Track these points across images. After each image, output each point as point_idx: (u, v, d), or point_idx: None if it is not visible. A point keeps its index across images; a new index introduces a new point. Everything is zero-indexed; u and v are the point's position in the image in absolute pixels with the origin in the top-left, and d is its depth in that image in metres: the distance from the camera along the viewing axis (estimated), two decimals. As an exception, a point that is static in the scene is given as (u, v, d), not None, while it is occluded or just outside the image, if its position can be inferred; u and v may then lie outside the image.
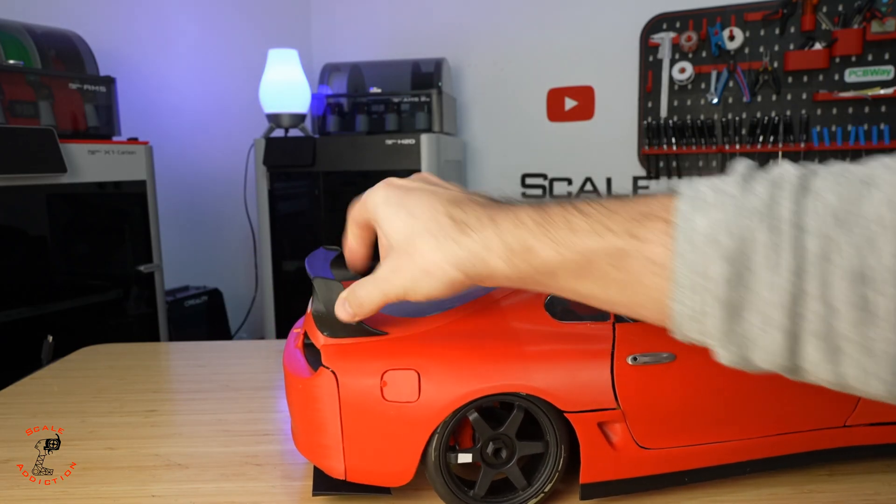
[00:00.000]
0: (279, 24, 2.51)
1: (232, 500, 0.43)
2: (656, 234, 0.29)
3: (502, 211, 0.34)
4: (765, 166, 0.31)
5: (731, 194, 0.28)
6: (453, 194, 0.37)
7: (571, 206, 0.32)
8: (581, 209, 0.32)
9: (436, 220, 0.34)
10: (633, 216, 0.30)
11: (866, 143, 2.01)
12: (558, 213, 0.32)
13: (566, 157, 2.38)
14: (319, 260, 0.48)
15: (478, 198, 0.36)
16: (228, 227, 2.29)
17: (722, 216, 0.28)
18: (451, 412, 0.38)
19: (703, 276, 0.28)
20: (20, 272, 1.33)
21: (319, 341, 0.40)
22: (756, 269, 0.27)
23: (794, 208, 0.27)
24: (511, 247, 0.32)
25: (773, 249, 0.26)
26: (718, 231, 0.28)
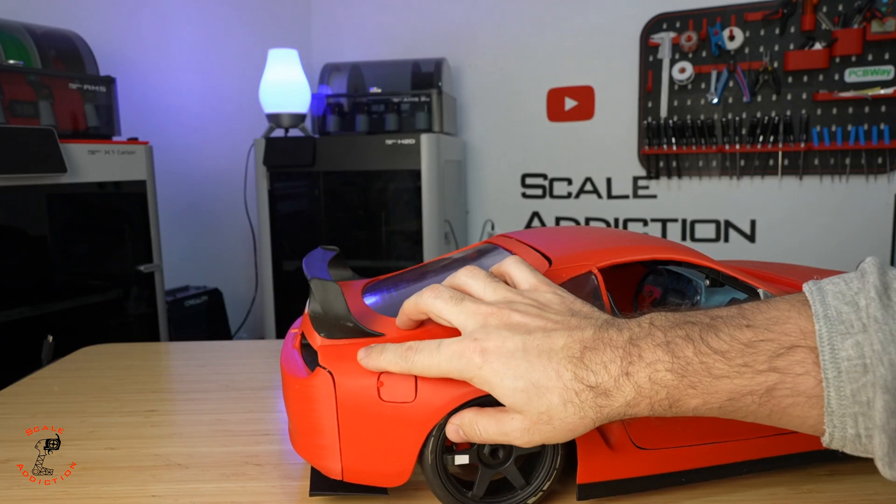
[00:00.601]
0: (279, 24, 2.51)
1: (232, 500, 0.43)
2: (802, 365, 0.29)
3: (631, 360, 0.32)
4: (881, 259, 0.31)
5: (875, 318, 0.28)
6: (563, 343, 0.34)
7: (704, 346, 0.31)
8: (715, 347, 0.31)
9: (568, 388, 0.33)
10: (774, 350, 0.30)
11: (866, 143, 2.01)
12: (694, 358, 0.31)
13: (566, 157, 2.38)
14: (317, 260, 0.48)
15: (585, 334, 0.34)
16: (228, 227, 2.29)
17: (870, 344, 0.28)
18: (447, 412, 0.38)
19: (860, 404, 0.28)
20: (20, 272, 1.33)
21: (316, 342, 0.40)
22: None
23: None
24: (655, 401, 0.32)
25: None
26: (871, 360, 0.28)
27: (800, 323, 0.30)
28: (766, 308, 0.32)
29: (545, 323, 0.35)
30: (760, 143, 2.12)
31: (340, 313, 0.39)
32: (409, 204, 2.01)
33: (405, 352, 0.37)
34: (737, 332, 0.31)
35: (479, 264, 0.50)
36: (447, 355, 0.35)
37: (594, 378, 0.33)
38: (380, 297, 0.47)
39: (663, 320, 0.33)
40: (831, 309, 0.29)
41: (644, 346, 0.32)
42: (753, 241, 2.20)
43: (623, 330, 0.34)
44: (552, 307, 0.37)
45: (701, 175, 2.23)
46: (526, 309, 0.36)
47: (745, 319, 0.31)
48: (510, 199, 2.47)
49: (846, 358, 0.28)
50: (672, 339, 0.32)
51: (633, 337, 0.33)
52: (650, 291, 0.54)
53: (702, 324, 0.32)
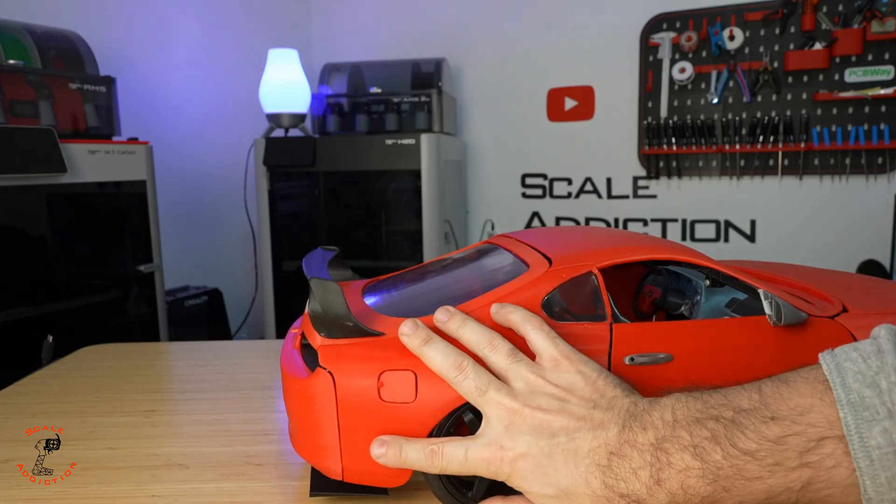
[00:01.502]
0: (279, 24, 2.51)
1: (232, 500, 0.43)
2: (833, 458, 0.29)
3: (660, 467, 0.32)
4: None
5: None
6: (588, 448, 0.34)
7: (732, 447, 0.31)
8: (744, 448, 0.31)
9: (599, 496, 0.33)
10: (804, 445, 0.30)
11: (866, 143, 2.01)
12: (724, 462, 0.31)
13: (566, 157, 2.38)
14: (317, 260, 0.48)
15: (609, 435, 0.33)
16: (228, 227, 2.29)
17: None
18: (447, 413, 0.38)
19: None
20: (20, 272, 1.33)
21: (316, 342, 0.40)
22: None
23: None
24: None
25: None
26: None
27: (824, 411, 0.30)
28: (787, 393, 0.31)
29: (568, 421, 0.35)
30: (760, 143, 2.11)
31: (340, 313, 0.39)
32: (409, 204, 2.01)
33: (430, 456, 0.36)
34: (763, 428, 0.31)
35: (479, 264, 0.50)
36: (476, 461, 0.35)
37: (625, 486, 0.32)
38: (380, 297, 0.47)
39: (685, 414, 0.33)
40: (854, 394, 0.29)
41: (671, 450, 0.32)
42: (753, 241, 2.20)
43: (647, 429, 0.33)
44: (576, 392, 0.36)
45: (701, 175, 2.23)
46: (549, 404, 0.36)
47: (768, 411, 0.31)
48: (510, 199, 2.47)
49: (876, 447, 0.28)
50: (698, 442, 0.32)
51: (658, 439, 0.33)
52: (650, 291, 0.54)
53: (724, 420, 0.32)
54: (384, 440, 0.37)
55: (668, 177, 2.26)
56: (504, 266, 0.46)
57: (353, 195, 2.07)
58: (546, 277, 0.42)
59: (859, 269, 2.07)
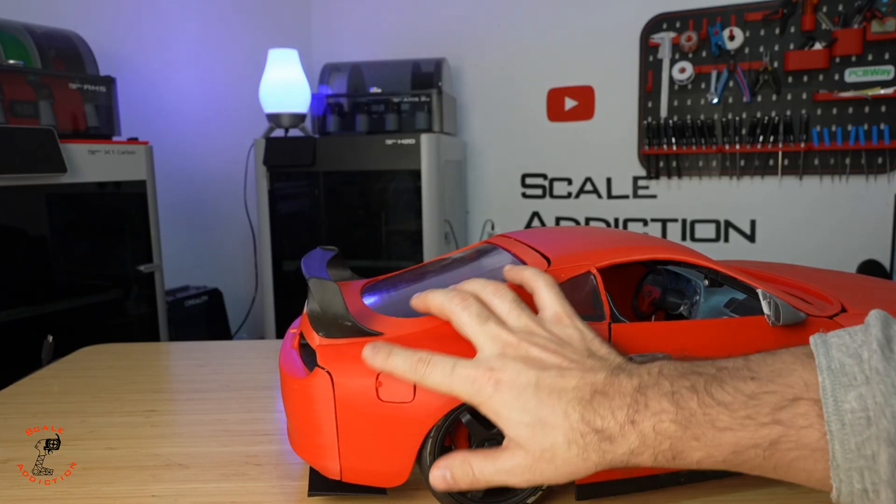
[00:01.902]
0: (279, 24, 2.51)
1: (232, 500, 0.43)
2: (806, 418, 0.29)
3: (637, 408, 0.33)
4: (885, 313, 0.30)
5: (877, 370, 0.28)
6: (574, 384, 0.34)
7: (708, 397, 0.31)
8: (719, 399, 0.31)
9: (574, 429, 0.33)
10: (777, 402, 0.30)
11: (866, 143, 2.01)
12: (697, 409, 0.31)
13: (566, 157, 2.38)
14: (316, 260, 0.48)
15: (597, 377, 0.34)
16: (228, 227, 2.29)
17: (873, 396, 0.28)
18: (446, 412, 0.38)
19: (865, 458, 0.28)
20: (20, 272, 1.33)
21: (315, 342, 0.40)
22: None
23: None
24: (658, 451, 0.32)
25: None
26: (874, 412, 0.28)
27: (804, 375, 0.30)
28: (771, 360, 0.32)
29: (561, 360, 0.35)
30: (760, 143, 2.12)
31: (339, 313, 0.39)
32: (409, 204, 2.01)
33: (416, 363, 0.36)
34: (741, 384, 0.31)
35: (478, 264, 0.50)
36: (460, 378, 0.35)
37: (600, 422, 0.33)
38: (379, 296, 0.47)
39: (671, 369, 0.34)
40: (835, 361, 0.29)
41: (651, 394, 0.33)
42: (753, 241, 2.20)
43: (633, 377, 0.34)
44: (571, 344, 0.37)
45: (701, 175, 2.23)
46: (545, 343, 0.36)
47: (749, 371, 0.32)
48: (510, 199, 2.47)
49: (850, 410, 0.28)
50: (678, 389, 0.32)
51: (642, 385, 0.33)
52: (649, 291, 0.54)
53: (707, 375, 0.32)
54: (376, 344, 0.37)
55: (668, 177, 2.26)
56: (503, 266, 0.46)
57: (353, 195, 2.07)
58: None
59: (859, 269, 2.07)
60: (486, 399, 0.35)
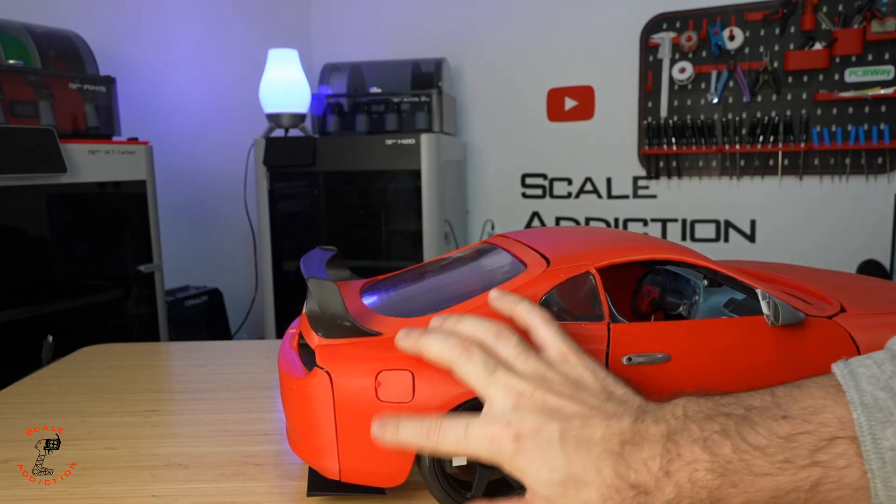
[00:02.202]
0: (279, 24, 2.51)
1: (232, 499, 0.43)
2: (845, 458, 0.29)
3: (670, 458, 0.31)
4: None
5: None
6: (601, 436, 0.33)
7: (742, 442, 0.30)
8: (754, 444, 0.30)
9: (608, 485, 0.32)
10: (815, 443, 0.29)
11: (866, 143, 2.01)
12: (733, 456, 0.30)
13: (566, 157, 2.38)
14: (315, 260, 0.48)
15: (623, 425, 0.33)
16: (228, 227, 2.29)
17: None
18: (445, 412, 0.38)
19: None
20: (20, 272, 1.33)
21: (314, 342, 0.40)
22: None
23: None
24: (696, 500, 0.31)
25: None
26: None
27: (836, 412, 0.30)
28: (799, 395, 0.31)
29: (581, 408, 0.34)
30: (760, 143, 2.11)
31: (338, 313, 0.39)
32: (409, 204, 2.01)
33: (427, 432, 0.35)
34: (774, 425, 0.30)
35: (477, 265, 0.50)
36: (477, 438, 0.34)
37: (635, 476, 0.32)
38: (378, 297, 0.47)
39: (696, 410, 0.33)
40: (867, 395, 0.29)
41: (682, 442, 0.32)
42: (753, 241, 2.20)
43: (659, 422, 0.33)
44: (587, 387, 0.35)
45: (701, 175, 2.23)
46: (560, 389, 0.35)
47: (779, 410, 0.31)
48: (510, 199, 2.47)
49: (889, 448, 0.28)
50: (709, 434, 0.31)
51: (670, 431, 0.32)
52: (648, 291, 0.54)
53: (736, 416, 0.32)
54: (383, 420, 0.36)
55: (668, 177, 2.26)
56: (502, 266, 0.46)
57: (353, 195, 2.07)
58: (544, 277, 0.42)
59: (859, 269, 2.07)
60: (509, 458, 0.33)
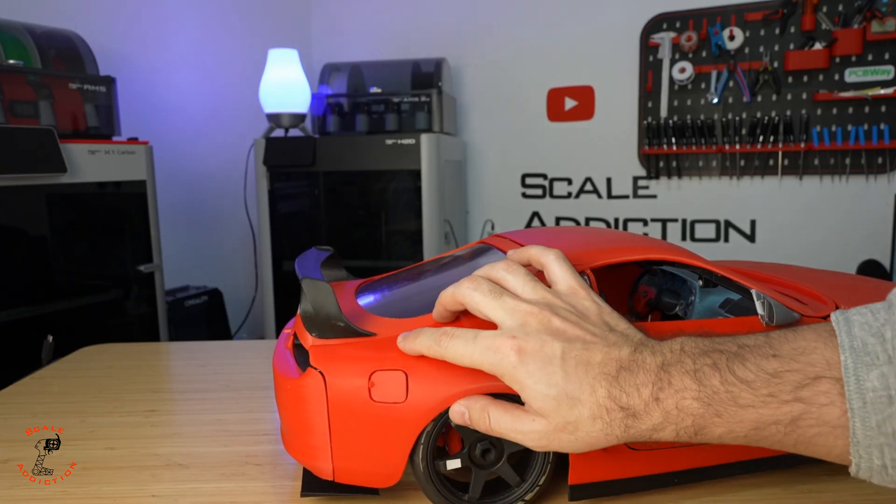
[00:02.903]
0: (279, 24, 2.51)
1: (231, 499, 0.43)
2: (827, 396, 0.30)
3: (661, 386, 0.33)
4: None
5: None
6: (600, 359, 0.34)
7: (730, 374, 0.32)
8: (741, 377, 0.31)
9: (600, 405, 0.33)
10: (800, 380, 0.30)
11: (866, 143, 2.01)
12: (720, 387, 0.32)
13: (566, 157, 2.38)
14: (310, 260, 0.48)
15: (622, 353, 0.34)
16: (228, 227, 2.29)
17: (895, 376, 0.28)
18: (439, 413, 0.38)
19: (886, 435, 0.29)
20: (20, 272, 1.33)
21: (308, 342, 0.40)
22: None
23: None
24: (681, 427, 0.33)
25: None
26: (895, 392, 0.28)
27: (825, 354, 0.30)
28: (792, 337, 0.32)
29: (584, 334, 0.35)
30: (760, 143, 2.12)
31: (332, 313, 0.39)
32: (409, 204, 2.01)
33: (440, 336, 0.37)
34: (763, 362, 0.31)
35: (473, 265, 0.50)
36: (483, 347, 0.35)
37: (626, 399, 0.33)
38: (373, 297, 0.47)
39: (693, 346, 0.34)
40: (857, 340, 0.30)
41: (674, 372, 0.33)
42: (753, 241, 2.21)
43: (656, 354, 0.34)
44: (590, 317, 0.37)
45: (701, 175, 2.23)
46: (566, 315, 0.36)
47: (771, 349, 0.32)
48: (510, 199, 2.47)
49: (871, 389, 0.29)
50: (700, 367, 0.33)
51: (665, 362, 0.33)
52: (645, 291, 0.54)
53: (729, 352, 0.33)
54: (405, 333, 0.38)
55: (668, 177, 2.26)
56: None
57: (353, 195, 2.08)
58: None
59: (859, 269, 2.07)
60: (510, 369, 0.35)
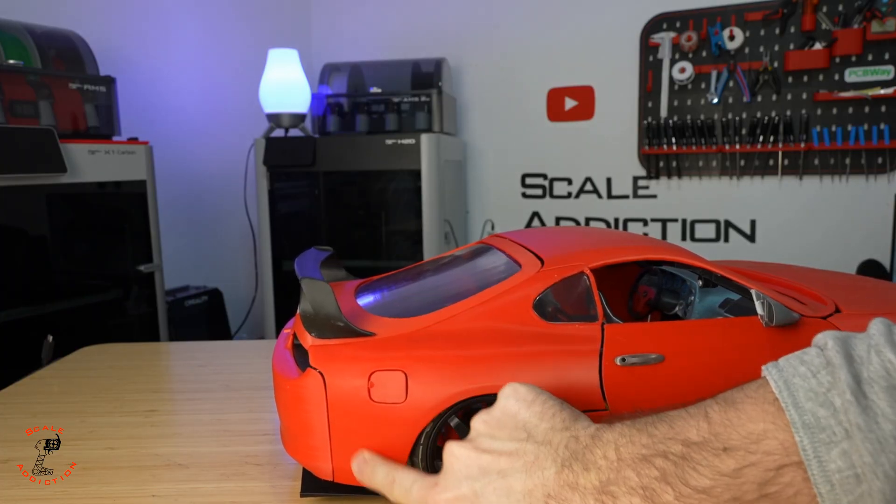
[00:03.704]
0: (279, 24, 2.51)
1: (232, 499, 0.43)
2: (793, 486, 0.28)
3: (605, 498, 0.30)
4: (844, 337, 0.28)
5: (858, 425, 0.26)
6: (521, 488, 0.31)
7: (685, 487, 0.29)
8: (698, 486, 0.28)
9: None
10: (762, 476, 0.28)
11: (866, 143, 2.01)
12: (676, 502, 0.29)
13: (566, 157, 2.38)
14: (310, 260, 0.49)
15: (546, 475, 0.31)
16: (228, 227, 2.29)
17: (859, 454, 0.26)
18: (438, 413, 0.38)
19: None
20: (20, 272, 1.33)
21: (307, 342, 0.40)
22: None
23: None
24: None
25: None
26: (862, 470, 0.26)
27: (779, 436, 0.28)
28: (737, 420, 0.29)
29: (498, 459, 0.33)
30: (760, 143, 2.11)
31: (331, 313, 0.39)
32: (409, 204, 2.01)
33: (390, 482, 0.36)
34: (716, 462, 0.29)
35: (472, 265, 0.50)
36: (413, 499, 0.35)
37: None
38: (373, 297, 0.47)
39: (630, 450, 0.30)
40: (807, 415, 0.28)
41: (618, 493, 0.30)
42: (753, 241, 2.20)
43: (590, 469, 0.30)
44: (506, 424, 0.34)
45: (701, 175, 2.23)
46: (479, 443, 0.34)
47: (719, 441, 0.29)
48: (510, 199, 2.47)
49: (836, 470, 0.27)
50: (647, 482, 0.29)
51: (604, 482, 0.30)
52: (645, 292, 0.54)
53: (675, 456, 0.29)
54: (363, 456, 0.38)
55: (668, 177, 2.26)
56: (497, 266, 0.47)
57: (353, 195, 2.08)
58: (538, 278, 0.42)
59: (859, 269, 2.07)
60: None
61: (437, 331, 0.40)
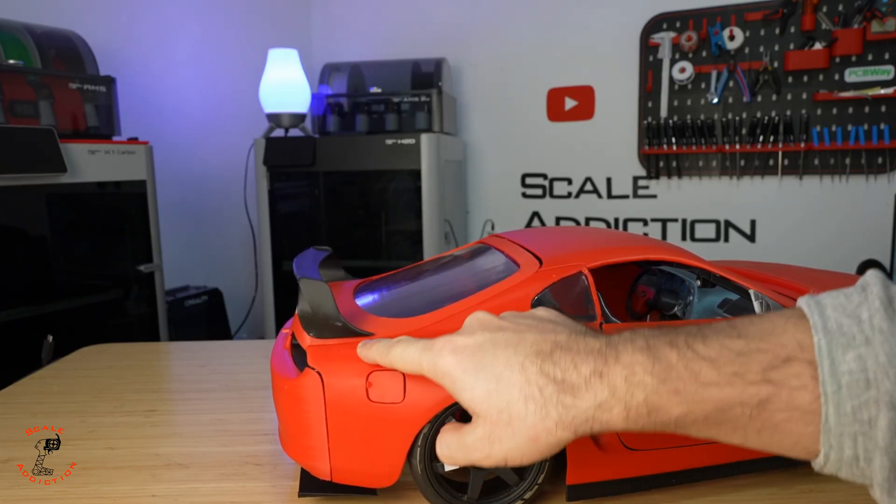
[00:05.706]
0: (279, 24, 2.52)
1: (232, 499, 0.43)
2: (799, 378, 0.27)
3: (605, 361, 0.30)
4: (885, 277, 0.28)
5: (881, 329, 0.26)
6: (533, 339, 0.32)
7: (690, 351, 0.29)
8: (703, 354, 0.28)
9: (530, 381, 0.30)
10: (769, 361, 0.27)
11: (866, 143, 2.01)
12: (678, 362, 0.28)
13: (566, 157, 2.38)
14: (308, 260, 0.49)
15: (559, 336, 0.32)
16: (228, 227, 2.29)
17: (875, 356, 0.25)
18: (436, 413, 0.38)
19: (861, 423, 0.26)
20: (20, 272, 1.33)
21: (305, 342, 0.41)
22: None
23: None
24: (632, 406, 0.29)
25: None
26: (875, 374, 0.25)
27: (796, 335, 0.27)
28: (759, 321, 0.29)
29: (517, 324, 0.34)
30: (760, 143, 2.12)
31: (329, 313, 0.40)
32: (409, 204, 2.01)
33: (387, 345, 0.37)
34: (727, 342, 0.28)
35: (471, 265, 0.50)
36: (420, 347, 0.35)
37: (559, 372, 0.30)
38: (371, 297, 0.47)
39: (647, 331, 0.31)
40: (831, 321, 0.27)
41: (622, 348, 0.30)
42: (753, 241, 2.21)
43: (600, 337, 0.31)
44: (533, 315, 0.36)
45: (701, 175, 2.23)
46: (506, 316, 0.36)
47: (735, 331, 0.29)
48: (510, 199, 2.47)
49: (847, 371, 0.26)
50: (654, 344, 0.29)
51: (611, 342, 0.31)
52: (643, 291, 0.54)
53: (688, 332, 0.30)
54: (365, 342, 0.38)
55: (668, 177, 2.26)
56: (495, 266, 0.47)
57: (353, 195, 2.08)
58: (536, 277, 0.43)
59: (859, 269, 2.07)
60: (449, 370, 0.33)
61: (435, 331, 0.40)
